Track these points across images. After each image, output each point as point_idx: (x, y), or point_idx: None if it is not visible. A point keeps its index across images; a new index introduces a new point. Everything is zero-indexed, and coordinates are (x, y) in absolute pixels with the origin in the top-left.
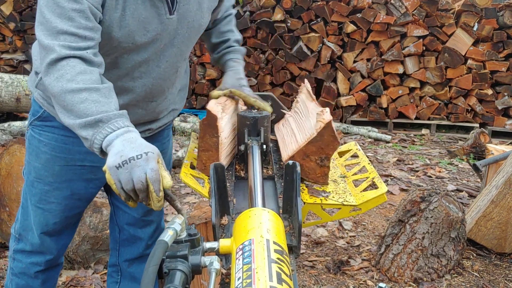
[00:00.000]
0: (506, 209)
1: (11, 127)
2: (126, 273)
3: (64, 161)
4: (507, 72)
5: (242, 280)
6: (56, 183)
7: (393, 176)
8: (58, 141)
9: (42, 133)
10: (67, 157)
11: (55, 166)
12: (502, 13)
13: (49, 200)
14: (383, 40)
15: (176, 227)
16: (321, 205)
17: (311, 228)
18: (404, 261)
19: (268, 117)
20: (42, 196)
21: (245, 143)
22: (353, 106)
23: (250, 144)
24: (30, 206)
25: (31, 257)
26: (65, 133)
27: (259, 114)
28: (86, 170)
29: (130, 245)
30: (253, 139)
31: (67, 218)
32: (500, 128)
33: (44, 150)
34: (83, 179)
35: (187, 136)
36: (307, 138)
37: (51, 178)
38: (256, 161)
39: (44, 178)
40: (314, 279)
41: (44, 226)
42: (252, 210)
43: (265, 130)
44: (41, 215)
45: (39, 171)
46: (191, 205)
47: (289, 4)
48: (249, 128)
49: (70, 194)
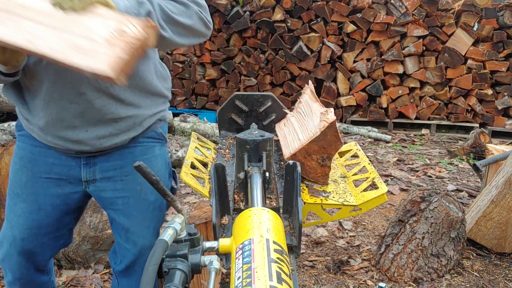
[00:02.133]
0: (506, 209)
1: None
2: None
3: (31, 173)
4: (507, 72)
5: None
6: (23, 195)
7: (393, 176)
8: (26, 151)
9: (18, 143)
10: (34, 168)
11: (23, 177)
12: (502, 13)
13: (17, 212)
14: (383, 40)
15: (176, 226)
16: (322, 205)
17: (311, 228)
18: (404, 261)
19: (271, 140)
20: (12, 208)
21: (245, 170)
22: (353, 106)
23: (251, 172)
24: (5, 219)
25: (6, 273)
26: (33, 143)
27: (261, 137)
28: (52, 183)
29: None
30: (254, 165)
31: (36, 236)
32: (500, 128)
33: (15, 160)
34: (50, 194)
35: (187, 136)
36: (310, 137)
37: (19, 189)
38: (257, 191)
39: (14, 189)
40: (314, 279)
41: (12, 241)
42: (252, 210)
43: (267, 155)
44: (9, 228)
45: (11, 181)
46: (191, 205)
47: (289, 4)
48: (249, 153)
49: (37, 209)
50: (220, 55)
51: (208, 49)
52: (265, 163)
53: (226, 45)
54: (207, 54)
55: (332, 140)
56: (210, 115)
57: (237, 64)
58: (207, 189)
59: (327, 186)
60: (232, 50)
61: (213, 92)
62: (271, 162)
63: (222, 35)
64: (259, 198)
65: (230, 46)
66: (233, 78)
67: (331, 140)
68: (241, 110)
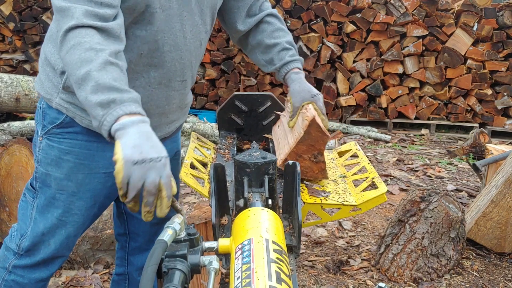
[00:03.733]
0: (506, 209)
1: (10, 127)
2: (136, 282)
3: (88, 169)
4: (506, 72)
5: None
6: (80, 193)
7: (392, 176)
8: (82, 147)
9: (63, 140)
10: (91, 164)
11: (79, 174)
12: (502, 13)
13: (72, 211)
14: (382, 40)
15: (175, 226)
16: (321, 205)
17: (311, 228)
18: (403, 261)
19: (274, 162)
20: (66, 208)
21: (245, 197)
22: (353, 106)
23: (251, 199)
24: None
25: (35, 272)
26: (89, 138)
27: (263, 159)
28: (110, 177)
29: (142, 253)
30: (255, 191)
31: (86, 228)
32: (500, 128)
33: (67, 159)
34: (107, 187)
35: (187, 136)
36: (296, 138)
37: (75, 188)
38: None
39: (67, 189)
40: (313, 279)
41: (64, 240)
42: (251, 210)
43: (270, 179)
44: (63, 228)
45: (61, 181)
46: (191, 205)
47: (289, 4)
48: (250, 177)
49: (93, 204)
50: (220, 55)
51: (208, 49)
52: (267, 188)
53: (226, 45)
54: (207, 54)
55: (318, 136)
56: (210, 115)
57: (237, 64)
58: (206, 189)
59: (326, 186)
60: (231, 50)
61: (212, 92)
62: (274, 187)
63: (222, 35)
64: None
65: (230, 46)
66: (232, 78)
67: (316, 136)
68: (241, 110)
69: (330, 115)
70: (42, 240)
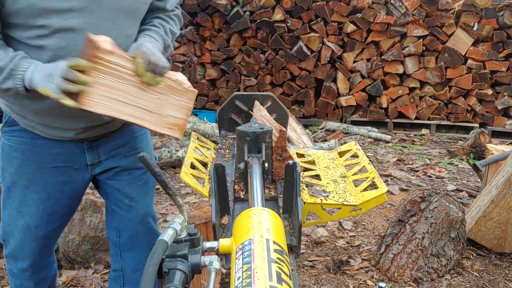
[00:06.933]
0: (506, 209)
1: None
2: (129, 277)
3: (37, 164)
4: (507, 72)
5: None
6: (32, 186)
7: (393, 176)
8: (28, 144)
9: (11, 138)
10: (39, 159)
11: (28, 169)
12: (502, 13)
13: (28, 203)
14: (383, 40)
15: (176, 226)
16: (321, 205)
17: (311, 228)
18: (404, 261)
19: (271, 132)
20: (21, 200)
21: (245, 160)
22: (353, 106)
23: (251, 162)
24: (11, 211)
25: (18, 262)
26: (33, 136)
27: (261, 129)
28: (59, 172)
29: (130, 250)
30: (254, 156)
31: (48, 223)
32: (500, 128)
33: (15, 155)
34: (58, 182)
35: (187, 136)
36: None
37: (26, 181)
38: (257, 180)
39: (19, 182)
40: (314, 279)
41: (26, 229)
42: (252, 210)
43: (266, 146)
44: (22, 219)
45: (13, 176)
46: (191, 205)
47: (289, 4)
48: (249, 144)
49: (46, 197)
50: (220, 55)
51: (208, 49)
52: (264, 154)
53: (226, 45)
54: (207, 54)
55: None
56: (210, 115)
57: (237, 64)
58: (207, 189)
59: (326, 186)
60: (232, 50)
61: (213, 92)
62: (270, 153)
63: (222, 35)
64: (258, 187)
65: (230, 46)
66: (233, 78)
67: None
68: (241, 110)
69: (330, 115)
70: (9, 230)
